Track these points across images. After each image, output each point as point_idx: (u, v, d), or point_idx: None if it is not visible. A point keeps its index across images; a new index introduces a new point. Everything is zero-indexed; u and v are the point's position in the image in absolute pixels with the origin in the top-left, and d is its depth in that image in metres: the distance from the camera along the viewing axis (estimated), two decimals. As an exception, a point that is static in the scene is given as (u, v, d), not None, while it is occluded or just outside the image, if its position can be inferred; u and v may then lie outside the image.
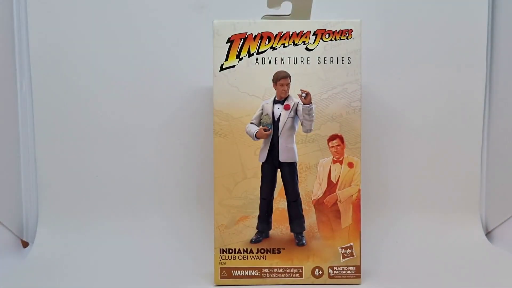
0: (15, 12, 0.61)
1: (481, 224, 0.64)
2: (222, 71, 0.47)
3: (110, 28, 0.62)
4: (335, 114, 0.48)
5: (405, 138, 0.64)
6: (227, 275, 0.49)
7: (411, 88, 0.64)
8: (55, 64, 0.62)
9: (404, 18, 0.63)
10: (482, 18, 0.63)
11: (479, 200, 0.65)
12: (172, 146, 0.63)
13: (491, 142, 0.65)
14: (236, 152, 0.48)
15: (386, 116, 0.64)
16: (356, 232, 0.49)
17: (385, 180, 0.65)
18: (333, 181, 0.48)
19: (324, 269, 0.49)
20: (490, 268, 0.54)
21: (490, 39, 0.64)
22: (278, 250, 0.49)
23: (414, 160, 0.64)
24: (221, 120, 0.48)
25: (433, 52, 0.63)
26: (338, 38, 0.47)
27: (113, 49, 0.62)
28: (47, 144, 0.62)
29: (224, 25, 0.47)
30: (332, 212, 0.49)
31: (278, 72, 0.48)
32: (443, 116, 0.64)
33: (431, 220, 0.64)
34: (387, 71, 0.63)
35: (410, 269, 0.53)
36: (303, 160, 0.48)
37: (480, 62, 0.63)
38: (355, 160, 0.48)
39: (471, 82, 0.64)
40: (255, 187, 0.48)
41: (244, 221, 0.49)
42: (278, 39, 0.47)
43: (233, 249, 0.49)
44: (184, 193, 0.63)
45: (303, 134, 0.48)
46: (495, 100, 0.64)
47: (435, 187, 0.64)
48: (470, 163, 0.65)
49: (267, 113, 0.48)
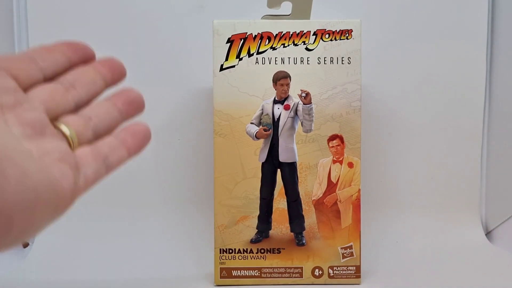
0: (15, 12, 0.61)
1: (481, 224, 0.64)
2: (222, 71, 0.47)
3: (110, 28, 0.62)
4: (335, 114, 0.48)
5: (405, 138, 0.64)
6: (227, 275, 0.49)
7: (411, 88, 0.64)
8: (55, 64, 0.62)
9: (404, 18, 0.63)
10: (482, 18, 0.63)
11: (479, 200, 0.65)
12: (172, 146, 0.63)
13: (491, 142, 0.65)
14: (236, 152, 0.48)
15: (386, 116, 0.64)
16: (356, 232, 0.49)
17: (385, 180, 0.64)
18: (333, 181, 0.48)
19: (324, 269, 0.49)
20: (490, 268, 0.54)
21: (490, 39, 0.64)
22: (278, 250, 0.49)
23: (414, 160, 0.64)
24: (221, 120, 0.48)
25: (433, 52, 0.63)
26: (338, 38, 0.47)
27: (113, 49, 0.62)
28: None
29: (224, 25, 0.47)
30: (332, 212, 0.49)
31: (278, 72, 0.48)
32: (443, 116, 0.64)
33: (431, 220, 0.63)
34: (387, 71, 0.63)
35: (410, 269, 0.53)
36: (303, 160, 0.48)
37: (480, 62, 0.63)
38: (355, 160, 0.48)
39: (471, 82, 0.64)
40: (255, 187, 0.48)
41: (244, 221, 0.49)
42: (278, 39, 0.47)
43: (233, 249, 0.49)
44: (184, 193, 0.63)
45: (303, 134, 0.48)
46: (495, 100, 0.64)
47: (435, 187, 0.64)
48: (470, 163, 0.65)
49: (267, 113, 0.48)
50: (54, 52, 0.27)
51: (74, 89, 0.26)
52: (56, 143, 0.23)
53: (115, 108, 0.28)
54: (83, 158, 0.24)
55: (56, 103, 0.25)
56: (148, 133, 0.28)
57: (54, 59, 0.26)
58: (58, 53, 0.27)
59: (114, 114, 0.27)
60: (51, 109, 0.25)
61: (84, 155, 0.24)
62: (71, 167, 0.23)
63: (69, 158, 0.23)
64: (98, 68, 0.28)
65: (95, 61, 0.28)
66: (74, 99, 0.26)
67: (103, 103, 0.27)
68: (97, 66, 0.28)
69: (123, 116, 0.28)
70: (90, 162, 0.25)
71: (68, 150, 0.24)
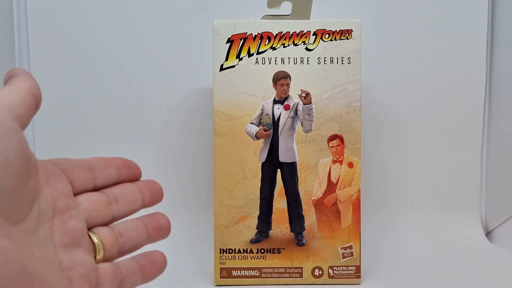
0: (15, 12, 0.61)
1: (481, 224, 0.64)
2: (222, 71, 0.47)
3: (110, 28, 0.62)
4: (335, 114, 0.48)
5: (405, 138, 0.64)
6: (227, 275, 0.49)
7: (411, 88, 0.64)
8: (55, 64, 0.62)
9: (404, 18, 0.63)
10: (482, 18, 0.63)
11: (479, 200, 0.65)
12: (172, 146, 0.63)
13: (491, 142, 0.65)
14: (236, 152, 0.48)
15: (386, 116, 0.64)
16: (356, 232, 0.49)
17: (385, 180, 0.64)
18: (333, 181, 0.48)
19: (324, 269, 0.49)
20: (490, 268, 0.54)
21: (490, 39, 0.64)
22: (278, 250, 0.49)
23: (414, 160, 0.64)
24: (221, 120, 0.48)
25: (433, 52, 0.63)
26: (338, 38, 0.47)
27: (113, 49, 0.62)
28: (47, 145, 0.62)
29: (224, 25, 0.47)
30: (332, 212, 0.49)
31: (278, 72, 0.48)
32: (443, 116, 0.64)
33: (431, 220, 0.63)
34: (387, 71, 0.63)
35: (410, 269, 0.53)
36: (303, 160, 0.48)
37: (480, 62, 0.63)
38: (355, 160, 0.48)
39: (471, 82, 0.64)
40: (255, 187, 0.48)
41: (244, 221, 0.49)
42: (278, 39, 0.47)
43: (233, 249, 0.49)
44: (184, 193, 0.63)
45: (303, 134, 0.48)
46: (495, 100, 0.64)
47: (435, 187, 0.64)
48: (470, 163, 0.65)
49: (267, 113, 0.48)
50: (110, 167, 0.28)
51: (116, 203, 0.28)
52: (85, 257, 0.24)
53: (145, 230, 0.29)
54: (102, 277, 0.25)
55: (97, 214, 0.26)
56: (164, 264, 0.30)
57: (109, 173, 0.28)
58: (113, 168, 0.28)
59: (143, 236, 0.29)
60: (92, 218, 0.26)
61: (105, 274, 0.25)
62: (90, 284, 0.24)
63: (92, 276, 0.24)
64: (141, 188, 0.29)
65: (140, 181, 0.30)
66: (113, 213, 0.27)
67: (136, 222, 0.29)
68: (141, 186, 0.29)
69: (149, 239, 0.29)
70: (108, 282, 0.25)
71: (93, 266, 0.25)
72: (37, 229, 0.22)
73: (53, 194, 0.24)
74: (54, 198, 0.24)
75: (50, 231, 0.23)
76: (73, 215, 0.24)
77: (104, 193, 0.27)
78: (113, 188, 0.28)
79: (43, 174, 0.24)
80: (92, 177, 0.27)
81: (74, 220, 0.24)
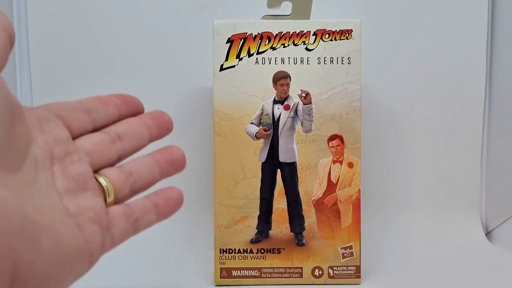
0: (15, 12, 0.61)
1: (481, 224, 0.64)
2: (222, 71, 0.47)
3: (110, 28, 0.62)
4: (335, 114, 0.48)
5: (405, 138, 0.64)
6: (227, 275, 0.49)
7: (411, 88, 0.64)
8: (55, 64, 0.62)
9: (404, 18, 0.63)
10: (482, 18, 0.63)
11: (479, 200, 0.65)
12: (172, 146, 0.63)
13: (491, 142, 0.65)
14: (236, 152, 0.48)
15: (386, 116, 0.64)
16: (356, 232, 0.49)
17: (385, 180, 0.64)
18: (333, 181, 0.48)
19: (324, 269, 0.49)
20: (490, 268, 0.54)
21: (490, 39, 0.64)
22: (278, 250, 0.49)
23: (414, 160, 0.64)
24: (221, 120, 0.48)
25: (433, 52, 0.63)
26: (338, 38, 0.47)
27: (113, 49, 0.62)
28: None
29: (224, 25, 0.47)
30: (332, 212, 0.49)
31: (278, 72, 0.48)
32: (443, 116, 0.64)
33: (431, 220, 0.63)
34: (387, 71, 0.63)
35: (410, 269, 0.53)
36: (303, 160, 0.48)
37: (480, 62, 0.63)
38: (355, 160, 0.48)
39: (471, 82, 0.64)
40: (255, 187, 0.48)
41: (244, 221, 0.49)
42: (278, 39, 0.47)
43: (233, 249, 0.49)
44: (184, 193, 0.63)
45: (303, 134, 0.48)
46: (495, 100, 0.64)
47: (435, 187, 0.64)
48: (470, 163, 0.65)
49: (267, 113, 0.48)
50: (108, 105, 0.27)
51: (120, 141, 0.26)
52: (93, 200, 0.23)
53: (158, 166, 0.27)
54: (114, 219, 0.24)
55: (101, 155, 0.25)
56: (181, 200, 0.28)
57: (107, 111, 0.26)
58: (111, 106, 0.27)
59: (155, 173, 0.27)
60: (96, 160, 0.25)
61: (116, 216, 0.24)
62: (102, 228, 0.23)
63: (102, 219, 0.23)
64: (146, 121, 0.28)
65: (145, 114, 0.28)
66: (119, 151, 0.26)
67: (147, 159, 0.27)
68: (145, 119, 0.28)
69: (163, 175, 0.28)
70: (121, 223, 0.25)
71: (103, 209, 0.24)
72: (36, 177, 0.21)
73: (48, 141, 0.23)
74: (50, 145, 0.23)
75: (51, 179, 0.22)
76: (74, 160, 0.23)
77: (105, 132, 0.26)
78: (115, 126, 0.26)
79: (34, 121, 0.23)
80: (90, 119, 0.25)
81: (76, 165, 0.23)
